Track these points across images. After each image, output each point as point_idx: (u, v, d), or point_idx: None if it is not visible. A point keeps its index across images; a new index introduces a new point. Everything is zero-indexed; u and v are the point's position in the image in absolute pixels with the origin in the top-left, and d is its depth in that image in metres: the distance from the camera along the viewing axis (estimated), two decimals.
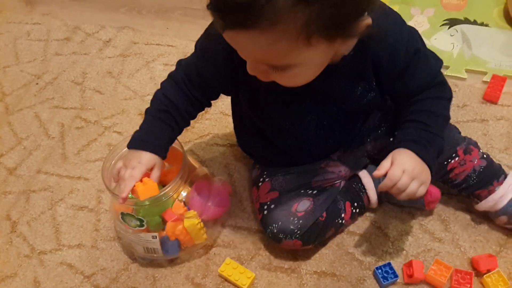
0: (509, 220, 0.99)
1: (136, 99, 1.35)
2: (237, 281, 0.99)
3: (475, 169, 0.98)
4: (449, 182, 1.01)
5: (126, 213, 0.94)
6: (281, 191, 1.00)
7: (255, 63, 0.75)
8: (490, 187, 0.99)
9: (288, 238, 0.96)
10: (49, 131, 1.32)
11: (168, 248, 0.98)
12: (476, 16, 1.41)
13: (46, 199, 1.19)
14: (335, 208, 1.01)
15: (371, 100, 0.91)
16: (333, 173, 1.03)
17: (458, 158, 0.98)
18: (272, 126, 0.97)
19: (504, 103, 1.23)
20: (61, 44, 1.54)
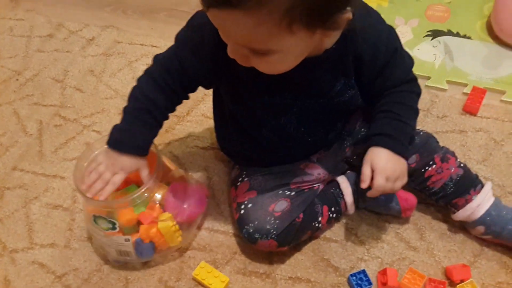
0: (486, 230, 0.99)
1: (117, 98, 1.34)
2: (211, 285, 0.99)
3: (452, 178, 0.99)
4: (427, 190, 1.01)
5: (98, 215, 0.93)
6: (259, 191, 1.00)
7: (236, 46, 0.75)
8: (467, 196, 0.99)
9: (263, 238, 0.95)
10: (27, 128, 1.30)
11: (142, 251, 0.96)
12: (459, 28, 1.43)
13: (21, 197, 1.17)
14: (313, 211, 1.00)
15: (351, 98, 0.92)
16: (312, 175, 1.03)
17: (435, 166, 0.99)
18: (253, 121, 0.96)
19: (483, 115, 1.23)
20: (44, 40, 1.53)
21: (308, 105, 0.92)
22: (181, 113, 1.29)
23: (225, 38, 0.75)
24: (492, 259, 1.01)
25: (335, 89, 0.90)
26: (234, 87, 0.92)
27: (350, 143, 1.04)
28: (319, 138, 1.00)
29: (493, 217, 0.99)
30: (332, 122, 0.98)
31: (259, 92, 0.90)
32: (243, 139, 1.02)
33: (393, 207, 1.03)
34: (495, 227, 0.98)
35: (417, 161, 0.99)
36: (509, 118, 1.23)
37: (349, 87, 0.91)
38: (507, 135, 1.19)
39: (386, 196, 1.02)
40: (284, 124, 0.94)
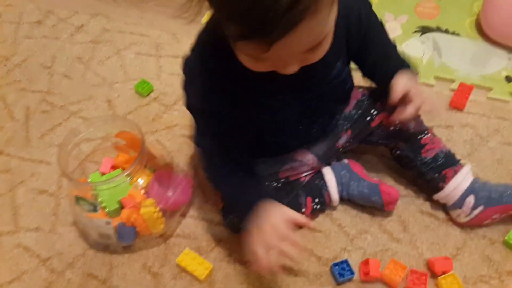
0: (476, 198, 1.00)
1: (105, 86, 1.34)
2: (195, 271, 0.99)
3: (442, 150, 1.04)
4: (419, 160, 1.03)
5: (80, 197, 0.93)
6: None
7: (298, 55, 0.72)
8: (455, 167, 1.03)
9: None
10: (14, 114, 1.30)
11: (123, 235, 0.97)
12: (448, 25, 1.44)
13: (7, 182, 1.16)
14: (296, 202, 1.01)
15: (347, 75, 0.96)
16: (301, 161, 1.03)
17: (429, 135, 1.04)
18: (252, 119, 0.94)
19: (470, 111, 1.25)
20: (33, 27, 1.52)
21: (308, 98, 0.93)
22: (168, 102, 1.29)
23: (288, 58, 0.72)
24: (475, 252, 1.02)
25: (335, 71, 0.92)
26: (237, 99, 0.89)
27: (346, 127, 1.04)
28: (318, 130, 1.01)
29: (480, 184, 1.03)
30: (331, 113, 1.01)
31: (258, 94, 0.88)
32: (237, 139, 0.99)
33: (376, 200, 1.04)
34: (483, 193, 1.01)
35: (415, 127, 1.03)
36: (495, 114, 1.24)
37: (345, 64, 0.94)
38: (492, 131, 1.20)
39: (369, 188, 1.04)
40: (284, 120, 0.94)
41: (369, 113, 1.03)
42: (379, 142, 1.07)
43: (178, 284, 0.99)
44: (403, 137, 1.04)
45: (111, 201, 0.97)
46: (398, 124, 1.02)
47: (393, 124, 1.01)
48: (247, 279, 1.00)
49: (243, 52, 0.72)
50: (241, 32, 0.65)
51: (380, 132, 1.04)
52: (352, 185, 1.06)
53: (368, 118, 1.03)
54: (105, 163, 1.07)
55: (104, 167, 1.06)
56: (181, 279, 1.00)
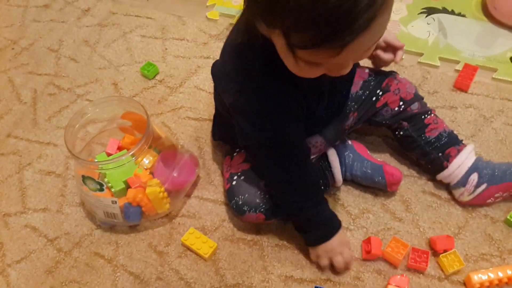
0: (479, 176, 1.01)
1: (111, 68, 1.35)
2: (199, 250, 1.00)
3: (445, 130, 1.05)
4: (423, 139, 1.04)
5: (87, 176, 0.94)
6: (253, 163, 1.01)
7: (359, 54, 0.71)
8: (459, 146, 1.04)
9: (252, 211, 0.97)
10: (21, 96, 1.31)
11: (129, 215, 0.98)
12: (454, 6, 1.43)
13: (15, 163, 1.18)
14: None
15: None
16: (310, 143, 1.02)
17: (432, 116, 1.05)
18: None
19: (474, 91, 1.24)
20: (40, 10, 1.53)
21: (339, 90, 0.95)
22: (174, 84, 1.30)
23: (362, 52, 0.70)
24: (476, 231, 1.03)
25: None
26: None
27: (354, 108, 1.05)
28: (337, 115, 1.01)
29: (483, 162, 1.04)
30: (347, 96, 1.01)
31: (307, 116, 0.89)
32: None
33: (379, 181, 1.04)
34: (486, 170, 1.02)
35: (418, 108, 1.05)
36: (499, 95, 1.24)
37: None
38: (496, 112, 1.20)
39: (373, 169, 1.05)
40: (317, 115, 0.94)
41: (375, 93, 1.04)
42: (383, 122, 1.07)
43: (183, 263, 1.01)
44: (407, 117, 1.04)
45: (117, 181, 0.99)
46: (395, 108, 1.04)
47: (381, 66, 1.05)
48: (251, 257, 1.01)
49: (302, 60, 0.68)
50: (312, 39, 0.62)
51: (384, 113, 1.05)
52: (356, 166, 1.06)
53: (374, 98, 1.04)
54: (111, 144, 1.08)
55: (110, 148, 1.08)
56: (186, 257, 1.02)
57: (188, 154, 1.07)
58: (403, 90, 1.04)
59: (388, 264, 0.99)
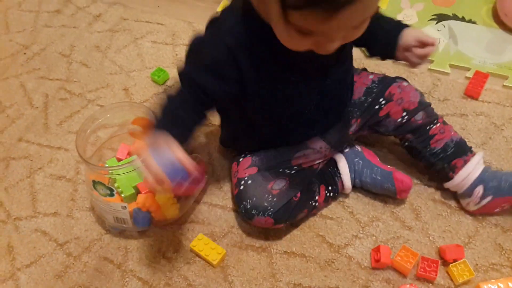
0: (485, 188, 1.00)
1: (122, 74, 1.36)
2: (208, 256, 1.01)
3: (453, 139, 1.03)
4: (428, 150, 1.04)
5: (97, 181, 0.95)
6: (260, 168, 1.01)
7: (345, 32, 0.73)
8: (466, 157, 1.02)
9: (260, 215, 0.97)
10: (33, 101, 1.33)
11: (139, 220, 0.99)
12: (464, 13, 1.42)
13: (26, 167, 1.19)
14: (310, 190, 1.02)
15: (351, 54, 0.97)
16: (313, 149, 1.03)
17: (439, 125, 1.04)
18: (273, 114, 0.96)
19: (484, 99, 1.24)
20: (52, 16, 1.54)
21: (327, 84, 0.93)
22: None
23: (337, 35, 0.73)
24: (487, 240, 1.02)
25: (349, 55, 0.95)
26: (259, 91, 0.89)
27: (356, 115, 1.05)
28: (334, 118, 1.02)
29: (490, 173, 1.02)
30: (344, 99, 1.02)
31: (282, 88, 0.89)
32: (257, 134, 1.01)
33: (389, 188, 1.04)
34: (493, 182, 1.01)
35: (423, 118, 1.03)
36: (510, 103, 1.23)
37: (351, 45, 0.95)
38: (507, 120, 1.20)
39: (382, 176, 1.04)
40: (304, 109, 0.95)
41: (378, 101, 1.04)
42: (386, 133, 1.07)
43: (191, 269, 1.01)
44: (411, 128, 1.04)
45: (127, 186, 0.99)
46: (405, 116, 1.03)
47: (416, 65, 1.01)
48: (259, 264, 1.01)
49: (294, 24, 0.70)
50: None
51: (388, 124, 1.05)
52: (365, 172, 1.06)
53: (377, 106, 1.04)
54: (121, 150, 1.09)
55: (121, 153, 1.08)
56: (194, 263, 1.02)
57: (197, 159, 1.07)
58: (406, 100, 1.02)
59: (397, 273, 0.99)
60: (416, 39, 0.97)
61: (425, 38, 0.97)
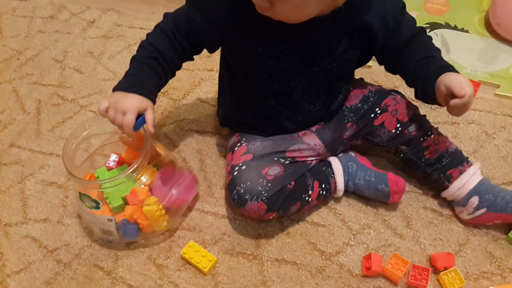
0: (480, 200, 1.00)
1: (115, 80, 1.34)
2: (198, 263, 1.00)
3: (448, 150, 1.04)
4: (423, 161, 1.04)
5: (83, 193, 0.94)
6: (255, 155, 1.01)
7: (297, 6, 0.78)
8: (461, 167, 1.03)
9: (254, 199, 0.96)
10: (25, 106, 1.32)
11: (126, 232, 0.98)
12: (457, 21, 1.43)
13: (17, 173, 1.19)
14: (304, 182, 1.02)
15: (352, 57, 0.97)
16: (308, 144, 1.04)
17: (433, 137, 1.04)
18: (260, 88, 0.99)
19: (476, 107, 1.24)
20: (46, 21, 1.54)
21: (314, 71, 0.95)
22: (177, 96, 1.30)
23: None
24: (478, 248, 1.02)
25: (340, 48, 0.94)
26: (242, 51, 0.94)
27: (352, 120, 1.06)
28: (323, 108, 1.03)
29: (487, 186, 1.02)
30: (335, 91, 1.03)
31: (267, 56, 0.93)
32: (247, 108, 1.04)
33: (382, 189, 1.04)
34: (489, 196, 1.00)
35: (417, 130, 1.03)
36: (502, 111, 1.24)
37: (352, 46, 0.95)
38: (499, 128, 1.20)
39: (376, 177, 1.05)
40: (291, 91, 0.98)
41: (373, 111, 1.04)
42: (381, 145, 1.07)
43: (182, 276, 1.01)
44: (405, 140, 1.04)
45: (115, 197, 0.98)
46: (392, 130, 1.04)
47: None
48: (250, 272, 1.01)
49: None
50: None
51: (382, 134, 1.05)
52: (359, 175, 1.07)
53: (372, 115, 1.04)
54: (111, 158, 1.08)
55: (111, 162, 1.07)
56: (185, 271, 1.02)
57: (188, 171, 1.07)
58: (400, 112, 1.03)
59: (388, 281, 0.99)
60: (446, 86, 0.90)
61: (454, 86, 0.88)
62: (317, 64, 0.95)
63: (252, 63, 0.95)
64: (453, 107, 0.91)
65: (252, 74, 0.97)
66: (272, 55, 0.93)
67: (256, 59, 0.94)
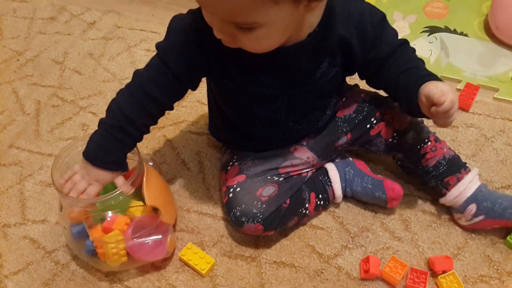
0: (478, 208, 1.00)
1: (115, 81, 1.36)
2: (197, 265, 1.00)
3: (445, 156, 1.02)
4: (420, 169, 1.04)
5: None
6: (248, 175, 1.01)
7: (222, 24, 0.75)
8: (459, 174, 1.02)
9: (250, 222, 0.97)
10: (25, 107, 1.32)
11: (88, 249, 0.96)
12: (456, 25, 1.44)
13: (16, 174, 1.19)
14: (300, 198, 1.02)
15: (334, 76, 0.94)
16: (301, 159, 1.04)
17: (430, 144, 1.02)
18: (243, 112, 0.98)
19: (475, 111, 1.25)
20: (46, 23, 1.55)
21: (296, 93, 0.93)
22: None
23: (210, 15, 0.77)
24: (476, 252, 1.02)
25: (321, 71, 0.91)
26: (221, 82, 0.93)
27: (346, 130, 1.05)
28: (309, 126, 1.02)
29: (484, 193, 1.01)
30: (320, 109, 1.00)
31: (246, 84, 0.91)
32: (236, 130, 1.03)
33: (379, 196, 1.04)
34: (487, 203, 1.00)
35: (414, 138, 1.02)
36: (500, 115, 1.24)
37: (334, 66, 0.92)
38: (497, 132, 1.20)
39: (373, 184, 1.04)
40: (274, 113, 0.96)
41: (369, 120, 1.04)
42: (378, 152, 1.08)
43: (180, 278, 1.01)
44: (402, 149, 1.04)
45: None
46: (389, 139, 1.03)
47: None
48: (248, 274, 1.01)
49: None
50: None
51: (379, 144, 1.05)
52: (356, 181, 1.06)
53: (368, 125, 1.04)
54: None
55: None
56: (183, 273, 1.02)
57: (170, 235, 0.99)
58: (396, 120, 1.02)
59: (386, 284, 0.99)
60: (426, 96, 0.83)
61: (433, 95, 0.81)
62: (298, 86, 0.93)
63: (232, 92, 0.93)
64: (435, 117, 0.84)
65: (234, 101, 0.96)
66: (251, 83, 0.91)
67: (234, 88, 0.92)
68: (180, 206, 1.10)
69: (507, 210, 0.99)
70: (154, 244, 0.97)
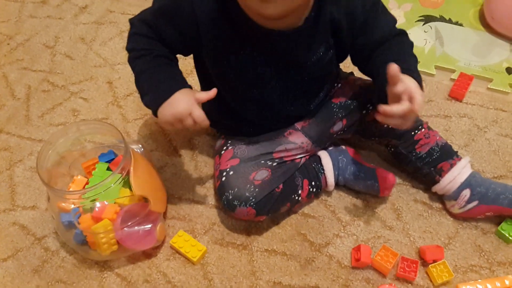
0: (471, 193, 1.00)
1: (106, 67, 1.34)
2: (188, 253, 1.00)
3: (438, 143, 1.03)
4: (414, 155, 1.04)
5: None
6: (242, 159, 1.01)
7: None
8: (452, 161, 1.02)
9: (242, 205, 0.96)
10: (15, 92, 1.31)
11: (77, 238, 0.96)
12: (452, 15, 1.43)
13: (5, 159, 1.18)
14: (293, 183, 1.02)
15: (330, 59, 0.94)
16: (295, 143, 1.03)
17: (424, 130, 1.03)
18: (237, 93, 0.97)
19: (468, 101, 1.24)
20: (37, 6, 1.53)
21: (290, 75, 0.93)
22: None
23: None
24: (467, 242, 1.02)
25: (318, 55, 0.91)
26: (216, 59, 0.92)
27: (341, 116, 1.05)
28: (302, 108, 1.02)
29: (477, 178, 1.02)
30: (314, 91, 1.01)
31: (240, 64, 0.91)
32: (229, 113, 1.03)
33: (372, 184, 1.04)
34: (480, 188, 1.00)
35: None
36: (494, 105, 1.24)
37: (329, 49, 0.92)
38: (490, 122, 1.20)
39: (366, 173, 1.04)
40: (267, 96, 0.96)
41: (365, 107, 1.04)
42: (372, 139, 1.08)
43: (171, 266, 1.00)
44: (396, 135, 1.04)
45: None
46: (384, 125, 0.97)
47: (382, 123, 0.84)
48: (239, 262, 1.01)
49: None
50: None
51: (374, 129, 1.05)
52: (349, 170, 1.06)
53: (364, 111, 1.04)
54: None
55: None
56: (174, 260, 1.01)
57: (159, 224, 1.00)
58: None
59: (377, 272, 0.99)
60: (391, 76, 0.78)
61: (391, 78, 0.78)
62: (293, 69, 0.92)
63: (226, 71, 0.92)
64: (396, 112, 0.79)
65: (228, 81, 0.95)
66: (246, 63, 0.90)
67: (229, 67, 0.91)
68: (172, 193, 1.10)
69: (500, 196, 1.00)
70: (143, 233, 0.96)
